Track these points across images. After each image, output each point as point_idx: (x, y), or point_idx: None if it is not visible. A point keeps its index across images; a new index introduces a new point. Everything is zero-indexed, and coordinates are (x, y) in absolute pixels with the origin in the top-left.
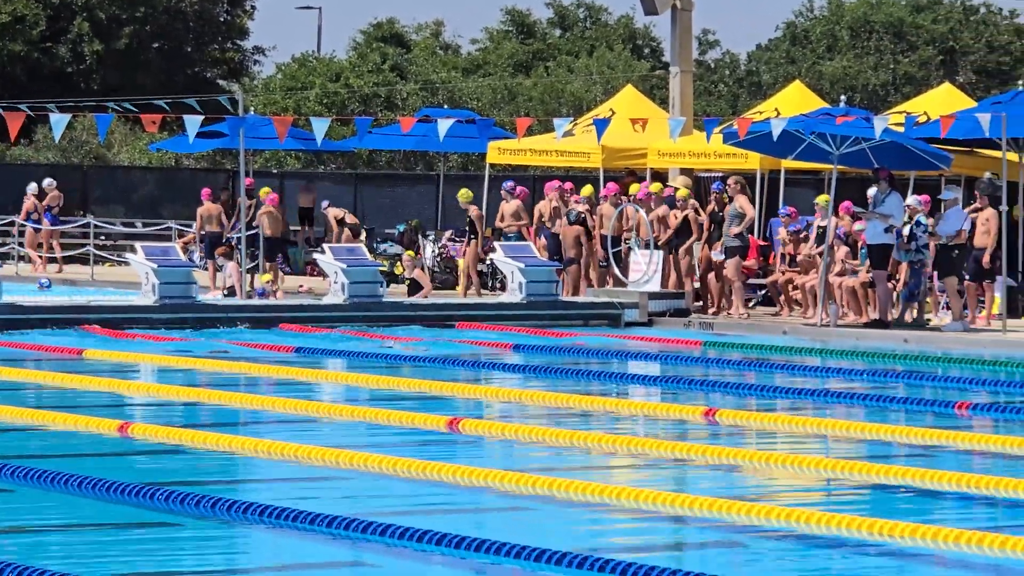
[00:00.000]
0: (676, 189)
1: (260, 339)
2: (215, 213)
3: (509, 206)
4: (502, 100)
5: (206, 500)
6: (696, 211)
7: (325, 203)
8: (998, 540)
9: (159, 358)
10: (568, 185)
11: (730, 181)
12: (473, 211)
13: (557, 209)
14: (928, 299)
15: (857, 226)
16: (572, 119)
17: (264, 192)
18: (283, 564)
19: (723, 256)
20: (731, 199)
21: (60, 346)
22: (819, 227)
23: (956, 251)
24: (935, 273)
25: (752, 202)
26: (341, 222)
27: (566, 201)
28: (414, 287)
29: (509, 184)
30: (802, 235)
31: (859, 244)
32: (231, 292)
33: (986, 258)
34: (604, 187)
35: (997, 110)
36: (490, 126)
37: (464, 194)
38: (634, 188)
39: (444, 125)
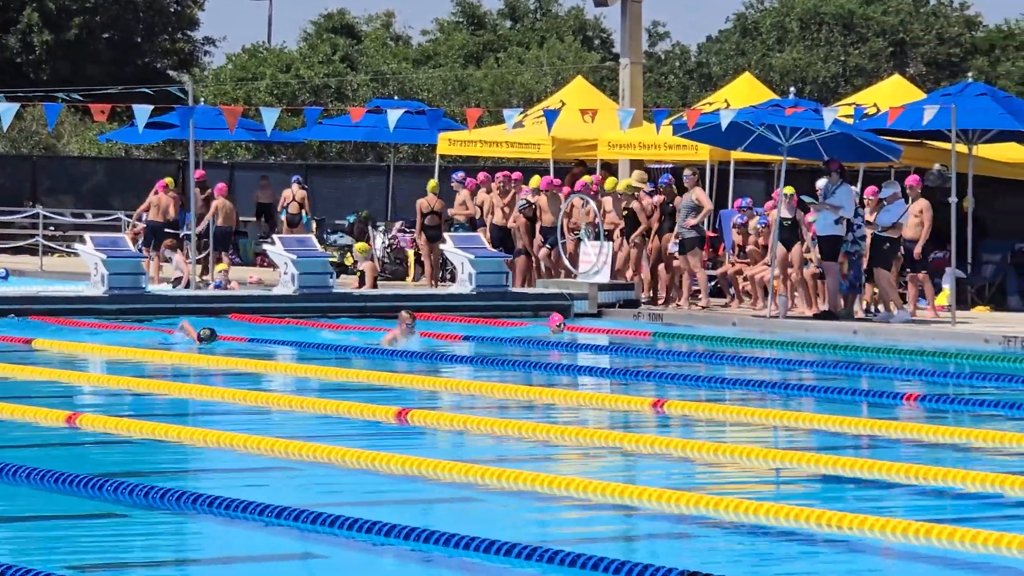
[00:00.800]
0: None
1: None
2: (165, 205)
3: (460, 197)
4: (452, 91)
5: (155, 491)
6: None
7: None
8: (946, 531)
9: (108, 349)
10: (517, 175)
11: (687, 173)
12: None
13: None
14: (876, 290)
15: (808, 218)
16: (522, 110)
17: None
18: (232, 555)
19: (677, 248)
20: (678, 192)
21: (8, 336)
22: (783, 219)
23: (888, 243)
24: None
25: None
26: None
27: (507, 191)
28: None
29: (459, 175)
30: (752, 226)
31: (810, 235)
32: (178, 283)
33: (917, 249)
34: (543, 179)
35: (947, 102)
36: (440, 117)
37: (432, 185)
38: (587, 180)
39: (394, 116)
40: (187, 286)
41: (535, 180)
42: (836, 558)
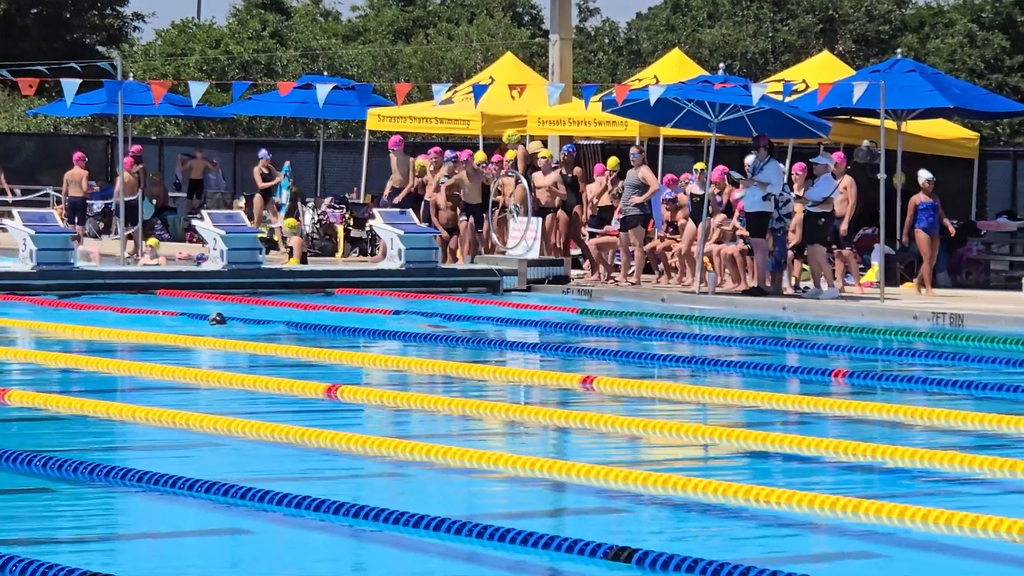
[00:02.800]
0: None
1: (139, 305)
2: (78, 179)
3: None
4: (382, 67)
5: (84, 466)
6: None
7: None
8: (874, 507)
9: (36, 324)
10: (436, 150)
11: (633, 151)
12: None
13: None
14: (806, 266)
15: (736, 194)
16: (451, 86)
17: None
18: (161, 530)
19: (618, 225)
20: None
21: None
22: (693, 195)
23: (823, 219)
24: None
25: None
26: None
27: (439, 166)
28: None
29: (394, 139)
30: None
31: (737, 212)
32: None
33: (843, 226)
34: (460, 153)
35: (876, 79)
36: (369, 93)
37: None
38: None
39: (323, 91)
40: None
41: (479, 156)
42: (765, 533)
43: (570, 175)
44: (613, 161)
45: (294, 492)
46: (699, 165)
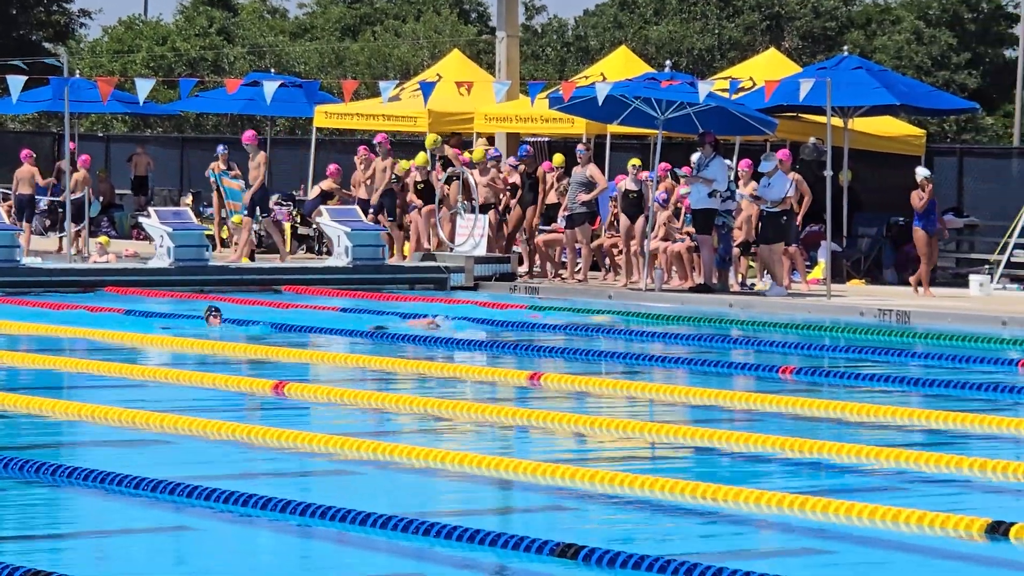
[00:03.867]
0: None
1: (86, 302)
2: (28, 176)
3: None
4: (329, 64)
5: (29, 464)
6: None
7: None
8: (820, 503)
9: None
10: (364, 148)
11: (580, 148)
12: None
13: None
14: (753, 264)
15: (682, 190)
16: (398, 82)
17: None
18: (107, 528)
19: (566, 222)
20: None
21: None
22: (628, 191)
23: (784, 217)
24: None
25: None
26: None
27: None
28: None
29: (380, 136)
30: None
31: (683, 209)
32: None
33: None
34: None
35: (822, 76)
36: (316, 89)
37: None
38: (478, 154)
39: (271, 87)
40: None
41: (420, 157)
42: (711, 530)
43: (532, 175)
44: (558, 158)
45: (241, 490)
46: (634, 161)
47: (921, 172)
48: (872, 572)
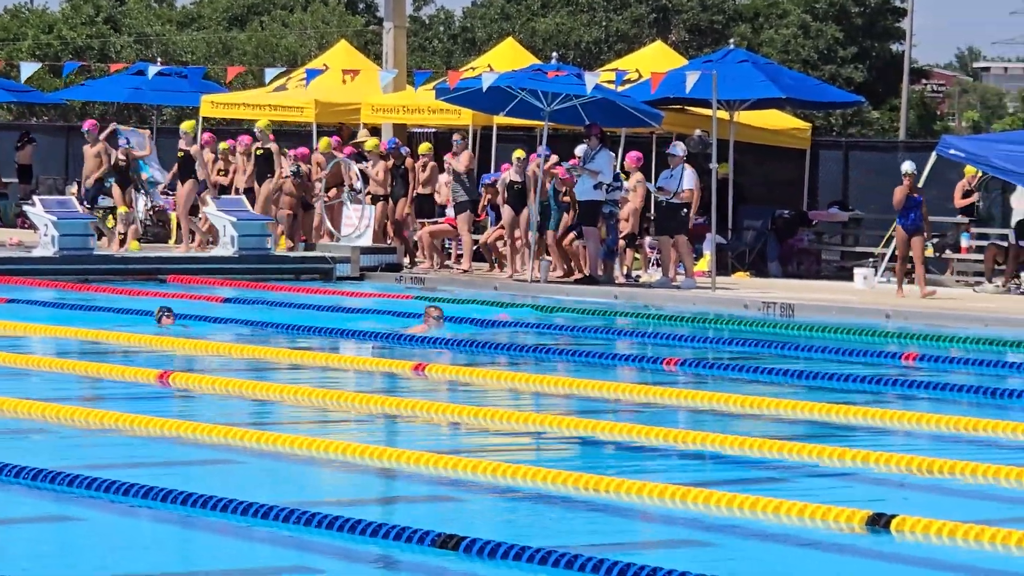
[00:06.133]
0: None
1: None
2: None
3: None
4: (216, 54)
5: None
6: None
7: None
8: (702, 495)
9: None
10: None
11: (456, 138)
12: (195, 149)
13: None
14: (638, 255)
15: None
16: (285, 70)
17: None
18: None
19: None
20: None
21: None
22: (513, 182)
23: (684, 209)
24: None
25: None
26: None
27: (249, 154)
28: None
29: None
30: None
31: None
32: None
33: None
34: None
35: (708, 68)
36: (201, 76)
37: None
38: (372, 144)
39: (154, 68)
40: None
41: (323, 142)
42: (594, 521)
43: (402, 166)
44: (424, 146)
45: (123, 479)
46: (518, 153)
47: (905, 166)
48: (753, 564)
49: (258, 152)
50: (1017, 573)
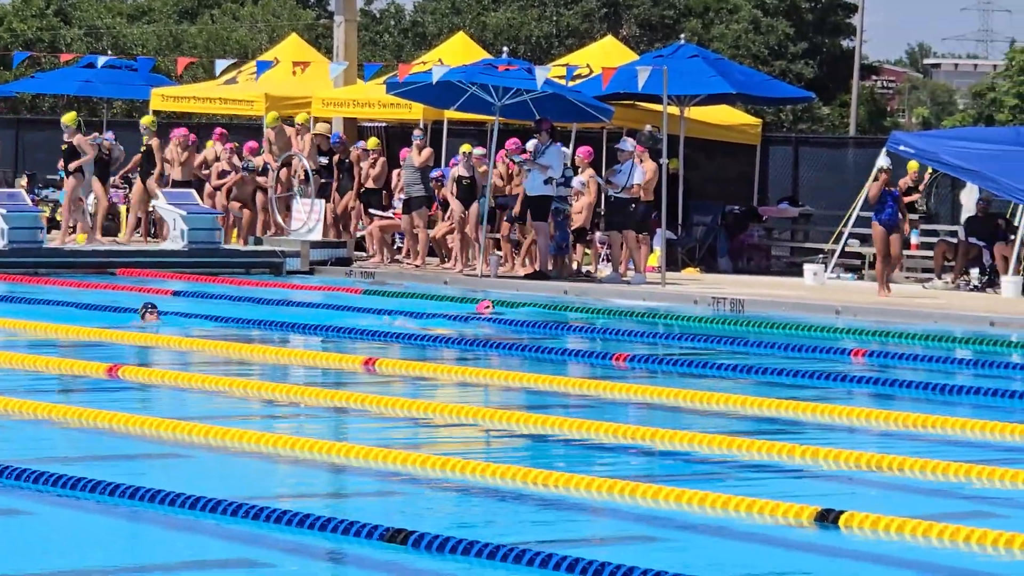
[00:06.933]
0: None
1: None
2: None
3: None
4: (167, 47)
5: None
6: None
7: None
8: (651, 490)
9: None
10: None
11: (416, 133)
12: (78, 139)
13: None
14: (588, 251)
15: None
16: (235, 62)
17: None
18: None
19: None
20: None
21: None
22: (461, 177)
23: (633, 204)
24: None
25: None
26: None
27: (186, 147)
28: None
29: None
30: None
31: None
32: None
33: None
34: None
35: (659, 64)
36: (150, 67)
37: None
38: (372, 143)
39: (104, 58)
40: None
41: (271, 116)
42: (543, 516)
43: (347, 160)
44: (372, 141)
45: (71, 473)
46: (465, 147)
47: (880, 161)
48: (702, 559)
49: (142, 149)
50: (965, 569)
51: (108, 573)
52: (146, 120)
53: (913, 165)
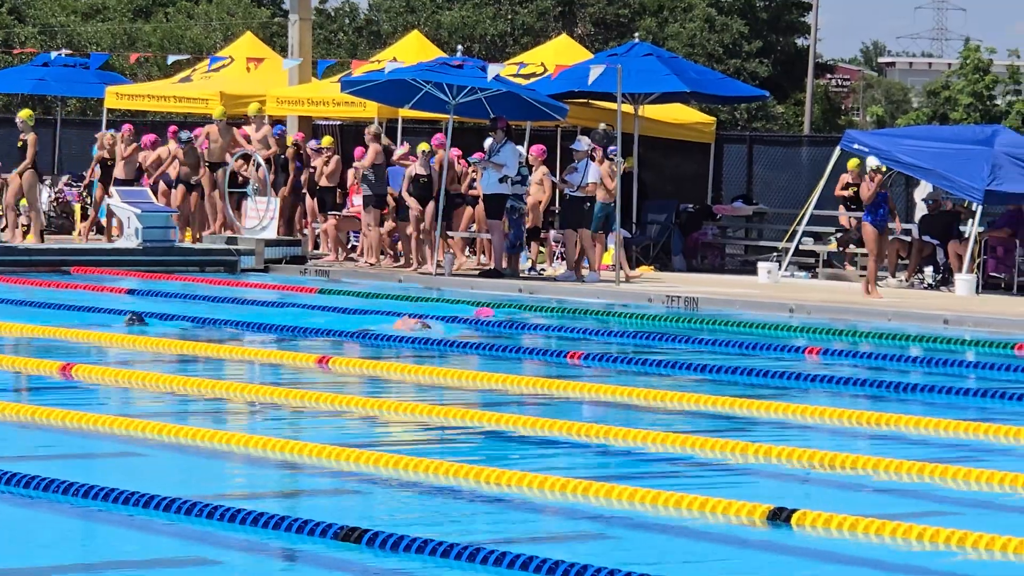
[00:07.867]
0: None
1: None
2: None
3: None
4: (121, 45)
5: None
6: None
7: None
8: (604, 489)
9: None
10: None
11: (370, 129)
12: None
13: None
14: (543, 249)
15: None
16: (188, 57)
17: None
18: None
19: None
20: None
21: None
22: (418, 175)
23: (588, 203)
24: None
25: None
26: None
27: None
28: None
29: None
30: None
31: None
32: None
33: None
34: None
35: (613, 62)
36: (102, 63)
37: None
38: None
39: (55, 54)
40: None
41: (219, 110)
42: (496, 514)
43: (282, 156)
44: (327, 140)
45: (24, 472)
46: (423, 146)
47: (870, 162)
48: (654, 558)
49: (19, 144)
50: (918, 567)
51: (61, 572)
52: (23, 114)
53: (854, 162)
